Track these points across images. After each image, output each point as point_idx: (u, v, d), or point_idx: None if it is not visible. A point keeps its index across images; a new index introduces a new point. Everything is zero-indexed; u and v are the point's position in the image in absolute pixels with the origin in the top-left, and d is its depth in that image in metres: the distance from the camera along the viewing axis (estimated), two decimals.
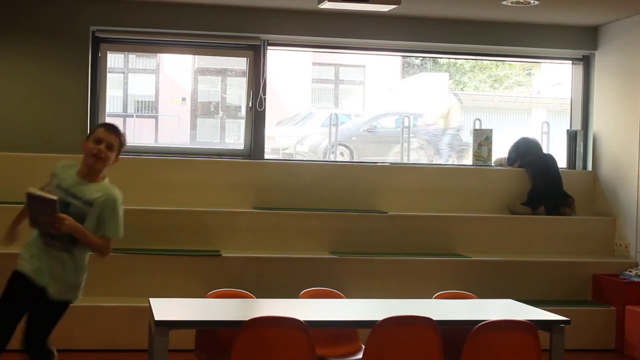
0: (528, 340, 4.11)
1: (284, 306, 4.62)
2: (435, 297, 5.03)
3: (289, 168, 7.90)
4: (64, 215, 4.13)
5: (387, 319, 4.04)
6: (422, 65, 18.77)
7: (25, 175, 7.06)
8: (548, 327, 4.38)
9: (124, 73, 12.47)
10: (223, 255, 6.78)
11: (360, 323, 4.45)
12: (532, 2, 6.93)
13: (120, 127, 4.47)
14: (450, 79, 18.74)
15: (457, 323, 4.42)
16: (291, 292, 5.29)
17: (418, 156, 11.46)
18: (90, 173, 4.32)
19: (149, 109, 13.42)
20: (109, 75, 7.68)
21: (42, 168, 7.03)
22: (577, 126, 8.21)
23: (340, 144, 11.09)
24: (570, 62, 8.35)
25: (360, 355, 4.38)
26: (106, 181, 4.39)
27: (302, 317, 4.01)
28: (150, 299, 4.47)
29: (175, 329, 4.08)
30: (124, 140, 4.41)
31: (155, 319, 4.04)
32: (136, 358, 5.85)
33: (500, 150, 8.47)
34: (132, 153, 7.58)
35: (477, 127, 8.41)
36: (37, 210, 4.16)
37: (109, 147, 4.29)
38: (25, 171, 7.10)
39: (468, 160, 9.15)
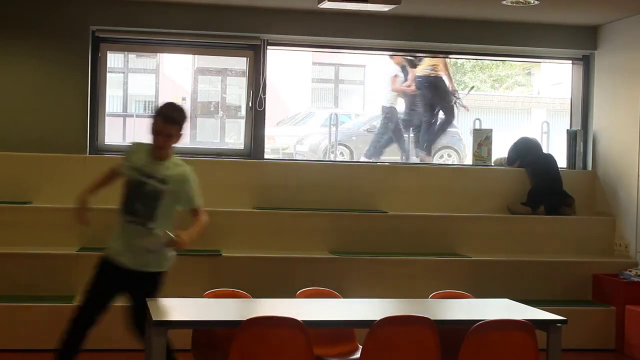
0: (525, 339, 4.11)
1: (281, 306, 4.62)
2: (432, 297, 5.03)
3: (289, 168, 7.91)
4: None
5: (384, 319, 4.04)
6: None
7: (26, 175, 7.12)
8: (545, 326, 4.37)
9: (124, 73, 12.45)
10: (223, 255, 6.79)
11: (358, 323, 4.45)
12: (532, 1, 6.92)
13: (181, 113, 4.67)
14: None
15: (454, 323, 4.42)
16: (291, 292, 5.28)
17: None
18: (160, 153, 4.65)
19: (149, 108, 13.41)
20: (109, 75, 7.69)
21: (43, 168, 7.17)
22: (577, 126, 8.20)
23: (340, 144, 11.07)
24: (570, 62, 8.35)
25: (357, 355, 4.38)
26: (174, 158, 4.71)
27: (300, 317, 4.01)
28: (147, 299, 4.47)
29: (172, 328, 4.09)
30: (183, 119, 4.68)
31: (152, 319, 4.04)
32: (136, 358, 5.84)
33: (500, 150, 8.47)
34: None
35: (477, 127, 8.42)
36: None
37: (168, 136, 4.59)
38: (25, 171, 7.13)
39: (466, 159, 9.15)
